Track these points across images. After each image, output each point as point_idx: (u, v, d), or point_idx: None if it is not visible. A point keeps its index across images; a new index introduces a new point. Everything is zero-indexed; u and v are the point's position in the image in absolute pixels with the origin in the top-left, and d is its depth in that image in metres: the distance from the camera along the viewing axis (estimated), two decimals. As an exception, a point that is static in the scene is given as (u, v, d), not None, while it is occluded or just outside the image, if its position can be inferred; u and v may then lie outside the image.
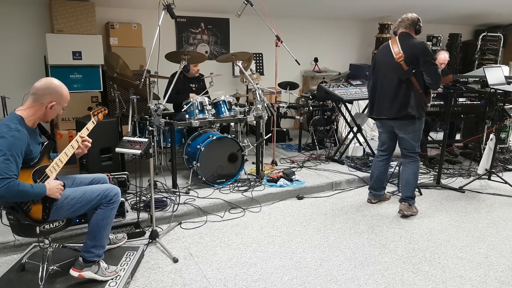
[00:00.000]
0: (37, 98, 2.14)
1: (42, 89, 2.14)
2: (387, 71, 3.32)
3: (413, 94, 3.23)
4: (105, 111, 2.69)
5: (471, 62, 7.82)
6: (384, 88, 3.35)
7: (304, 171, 4.47)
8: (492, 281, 2.51)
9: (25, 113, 2.13)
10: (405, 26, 3.29)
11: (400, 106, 3.26)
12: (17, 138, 2.00)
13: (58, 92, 2.19)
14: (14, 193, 1.94)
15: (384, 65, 3.34)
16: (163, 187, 3.75)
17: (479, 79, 4.73)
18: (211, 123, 3.93)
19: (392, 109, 3.30)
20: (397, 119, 3.32)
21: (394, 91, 3.27)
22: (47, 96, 2.15)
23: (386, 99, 3.34)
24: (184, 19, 5.88)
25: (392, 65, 3.26)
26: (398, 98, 3.26)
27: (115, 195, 2.36)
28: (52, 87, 2.17)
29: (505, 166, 4.89)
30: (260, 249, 2.90)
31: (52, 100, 2.16)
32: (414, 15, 3.29)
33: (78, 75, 4.53)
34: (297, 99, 6.16)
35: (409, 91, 3.24)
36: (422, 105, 3.27)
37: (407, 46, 3.22)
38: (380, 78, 3.38)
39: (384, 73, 3.35)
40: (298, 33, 6.77)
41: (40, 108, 2.15)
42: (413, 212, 3.49)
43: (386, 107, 3.35)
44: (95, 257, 2.34)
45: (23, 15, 4.83)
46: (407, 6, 6.12)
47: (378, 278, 2.53)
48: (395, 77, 3.25)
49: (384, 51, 3.35)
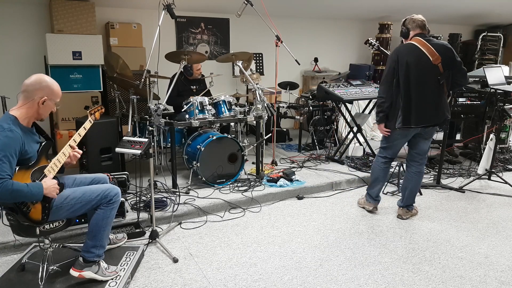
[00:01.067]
0: (28, 95, 2.13)
1: (32, 85, 2.13)
2: (425, 75, 3.07)
3: (444, 97, 3.15)
4: (102, 110, 2.69)
5: (471, 62, 7.82)
6: (425, 93, 3.09)
7: (304, 171, 4.47)
8: (492, 281, 2.51)
9: (18, 112, 2.12)
10: (422, 27, 3.14)
11: (442, 110, 3.14)
12: (10, 138, 1.99)
13: (49, 87, 2.18)
14: (8, 193, 1.93)
15: (421, 69, 3.05)
16: (163, 187, 3.75)
17: (479, 79, 4.74)
18: (211, 123, 3.93)
19: (439, 115, 3.13)
20: (438, 124, 3.19)
21: (436, 96, 3.10)
22: (38, 91, 2.13)
23: (429, 105, 3.10)
24: (184, 19, 5.88)
25: (430, 68, 3.05)
26: (441, 103, 3.12)
27: (115, 195, 2.36)
28: (43, 82, 2.16)
29: (505, 166, 4.89)
30: (260, 249, 2.90)
31: (43, 95, 2.14)
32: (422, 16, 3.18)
33: (78, 75, 4.53)
34: (297, 99, 6.16)
35: (443, 94, 3.12)
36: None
37: (440, 48, 3.04)
38: (417, 83, 3.06)
39: (422, 77, 3.07)
40: (298, 33, 6.77)
41: (32, 105, 2.13)
42: (412, 214, 3.49)
43: (432, 113, 3.12)
44: (95, 257, 2.34)
45: (23, 15, 4.83)
46: (407, 6, 6.13)
47: (378, 278, 2.53)
48: (434, 81, 3.07)
49: (413, 53, 3.07)
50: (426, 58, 3.04)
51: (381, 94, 3.20)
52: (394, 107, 3.19)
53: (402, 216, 3.44)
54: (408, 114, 3.11)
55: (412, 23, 3.16)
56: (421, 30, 3.15)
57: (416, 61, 3.05)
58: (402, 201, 3.48)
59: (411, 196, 3.42)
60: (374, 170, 3.50)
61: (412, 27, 3.17)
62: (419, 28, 3.14)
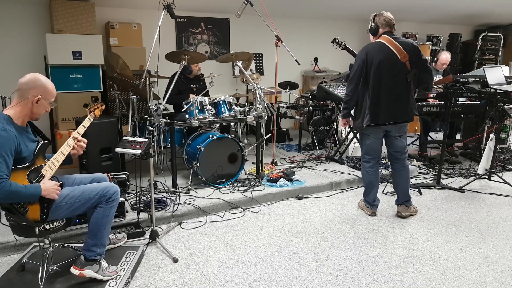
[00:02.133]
0: (22, 94, 2.13)
1: (27, 83, 2.13)
2: (394, 73, 3.12)
3: (411, 94, 3.23)
4: (102, 107, 2.67)
5: (471, 62, 7.82)
6: (394, 91, 3.14)
7: (304, 171, 4.47)
8: (492, 281, 2.51)
9: (12, 111, 2.12)
10: (390, 26, 3.23)
11: (411, 108, 3.21)
12: (4, 137, 1.99)
13: (43, 86, 2.17)
14: (6, 194, 1.92)
15: (390, 67, 3.11)
16: (163, 187, 3.75)
17: (479, 79, 4.73)
18: (211, 123, 3.93)
19: (407, 112, 3.19)
20: (406, 121, 3.26)
21: (404, 93, 3.16)
22: (32, 90, 2.13)
23: (398, 102, 3.16)
24: (184, 19, 5.88)
25: (398, 66, 3.11)
26: (408, 100, 3.19)
27: (114, 193, 2.35)
28: (37, 81, 2.16)
29: (505, 166, 4.89)
30: (260, 249, 2.90)
31: (37, 94, 2.14)
32: (390, 14, 3.26)
33: (78, 75, 4.53)
34: (297, 99, 6.16)
35: (411, 91, 3.21)
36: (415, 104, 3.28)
37: (407, 46, 3.11)
38: (386, 81, 3.13)
39: (390, 75, 3.12)
40: (298, 33, 6.78)
41: (26, 103, 2.13)
42: (412, 212, 3.49)
43: (400, 110, 3.18)
44: (96, 256, 2.34)
45: (23, 15, 4.84)
46: (407, 6, 6.13)
47: (378, 278, 2.53)
48: (402, 78, 3.13)
49: (382, 51, 3.12)
50: (395, 56, 3.10)
51: (348, 92, 3.27)
52: (360, 106, 3.25)
53: (402, 213, 3.45)
54: (376, 112, 3.17)
55: (383, 21, 3.23)
56: (389, 29, 3.22)
57: (385, 59, 3.11)
58: (398, 199, 3.51)
59: (404, 192, 3.44)
60: (364, 177, 3.50)
61: (382, 25, 3.23)
62: (388, 27, 3.21)
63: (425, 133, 5.09)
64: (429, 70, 3.19)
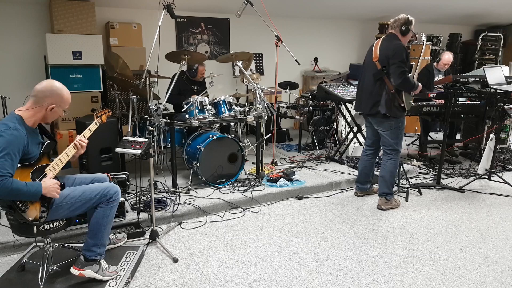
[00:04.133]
0: (37, 101, 2.14)
1: (43, 91, 2.14)
2: (367, 69, 3.49)
3: (385, 93, 3.36)
4: (109, 113, 2.71)
5: (471, 62, 7.82)
6: (364, 85, 3.54)
7: (304, 171, 4.47)
8: (492, 281, 2.51)
9: (25, 113, 2.13)
10: (393, 27, 3.41)
11: (373, 103, 3.43)
12: (15, 136, 2.00)
13: (59, 95, 2.18)
14: (7, 191, 1.93)
15: (367, 63, 3.52)
16: (163, 187, 3.75)
17: (479, 79, 4.74)
18: (211, 123, 3.93)
19: (367, 106, 3.49)
20: (370, 115, 3.52)
21: (370, 89, 3.46)
22: (48, 98, 2.14)
23: (364, 95, 3.53)
24: (184, 19, 5.88)
25: (371, 63, 3.42)
26: (372, 96, 3.43)
27: (115, 193, 2.36)
28: (54, 89, 2.17)
29: (505, 166, 4.89)
30: (260, 249, 2.90)
31: (52, 102, 2.15)
32: (403, 16, 3.37)
33: (78, 75, 4.53)
34: (297, 99, 6.16)
35: (381, 90, 3.38)
36: (395, 105, 3.36)
37: (384, 47, 3.34)
38: (363, 75, 3.57)
39: (366, 71, 3.53)
40: (298, 33, 6.78)
41: (40, 110, 2.15)
42: (393, 206, 3.62)
43: (363, 103, 3.54)
44: (97, 256, 2.34)
45: (23, 15, 4.84)
46: (407, 6, 6.13)
47: (378, 278, 2.53)
48: (371, 75, 3.44)
49: (369, 50, 3.52)
50: (371, 55, 3.45)
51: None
52: None
53: (381, 206, 3.62)
54: (356, 100, 3.71)
55: (391, 23, 3.47)
56: (392, 30, 3.45)
57: (366, 56, 3.56)
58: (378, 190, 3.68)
59: (383, 184, 3.61)
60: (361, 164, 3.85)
61: (390, 27, 3.49)
62: (391, 28, 3.45)
63: (425, 133, 5.09)
64: (396, 73, 3.25)
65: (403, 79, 3.24)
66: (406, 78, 3.25)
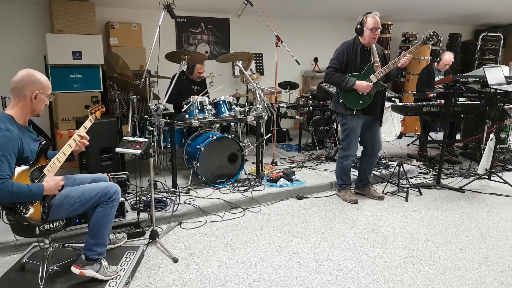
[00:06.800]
0: (19, 93, 2.11)
1: (21, 81, 2.12)
2: None
3: (336, 90, 3.71)
4: (103, 109, 2.68)
5: (471, 62, 7.82)
6: None
7: (304, 171, 4.47)
8: (492, 281, 2.51)
9: (13, 111, 2.11)
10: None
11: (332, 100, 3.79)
12: (8, 138, 1.98)
13: (38, 80, 2.16)
14: (8, 194, 1.92)
15: None
16: (163, 187, 3.75)
17: (479, 79, 4.73)
18: (211, 123, 3.93)
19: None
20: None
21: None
22: (28, 87, 2.12)
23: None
24: (184, 19, 5.88)
25: None
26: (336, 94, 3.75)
27: (115, 193, 2.35)
28: (31, 76, 2.14)
29: (505, 166, 4.89)
30: (260, 249, 2.90)
31: (34, 90, 2.13)
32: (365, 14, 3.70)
33: (78, 75, 4.53)
34: (297, 99, 6.16)
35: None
36: (339, 102, 3.61)
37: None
38: None
39: None
40: (298, 33, 6.77)
41: (25, 102, 2.12)
42: (344, 199, 3.82)
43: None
44: (97, 255, 2.34)
45: (23, 14, 4.83)
46: (407, 6, 6.13)
47: (378, 278, 2.53)
48: None
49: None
50: None
51: None
52: None
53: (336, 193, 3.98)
54: None
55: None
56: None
57: None
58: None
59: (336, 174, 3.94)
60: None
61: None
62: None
63: (425, 133, 5.09)
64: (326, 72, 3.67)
65: (325, 73, 3.64)
66: (327, 73, 3.64)
